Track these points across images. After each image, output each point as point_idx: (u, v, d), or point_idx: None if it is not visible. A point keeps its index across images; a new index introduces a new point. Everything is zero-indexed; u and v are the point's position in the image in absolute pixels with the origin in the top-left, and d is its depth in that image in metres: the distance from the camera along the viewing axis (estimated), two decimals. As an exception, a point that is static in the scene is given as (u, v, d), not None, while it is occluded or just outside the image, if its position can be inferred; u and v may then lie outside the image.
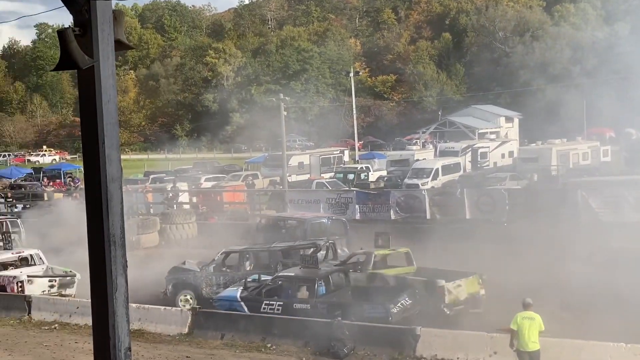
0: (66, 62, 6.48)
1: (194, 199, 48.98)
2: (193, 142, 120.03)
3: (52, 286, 29.15)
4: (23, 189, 62.51)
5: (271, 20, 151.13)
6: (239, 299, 24.58)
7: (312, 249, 27.12)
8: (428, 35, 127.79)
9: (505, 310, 22.33)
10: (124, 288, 6.84)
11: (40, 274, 29.89)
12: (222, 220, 44.50)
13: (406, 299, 23.37)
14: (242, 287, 25.17)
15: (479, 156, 63.83)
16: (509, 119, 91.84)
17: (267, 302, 23.90)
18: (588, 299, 24.04)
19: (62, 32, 6.46)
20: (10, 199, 56.56)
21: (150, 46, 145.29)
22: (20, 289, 28.37)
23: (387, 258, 27.60)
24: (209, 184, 56.69)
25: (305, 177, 61.81)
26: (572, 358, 18.95)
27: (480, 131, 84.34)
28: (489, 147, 66.00)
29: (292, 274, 24.99)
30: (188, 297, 27.53)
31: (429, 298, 24.30)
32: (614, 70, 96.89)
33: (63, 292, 28.89)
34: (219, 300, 25.54)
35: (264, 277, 25.78)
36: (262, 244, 30.37)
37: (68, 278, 29.40)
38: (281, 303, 23.73)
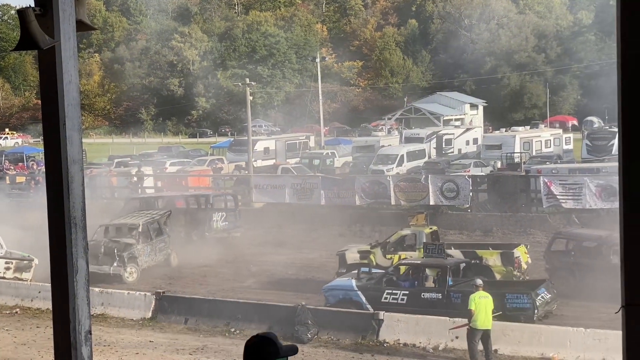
0: (26, 42, 6.41)
1: (159, 184, 48.72)
2: (158, 127, 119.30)
3: (7, 268, 28.98)
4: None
5: (238, 4, 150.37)
6: (356, 288, 23.18)
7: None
8: (394, 22, 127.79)
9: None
10: (85, 271, 6.81)
11: None
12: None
13: (545, 292, 22.26)
14: (354, 278, 23.88)
15: (443, 143, 64.09)
16: (473, 106, 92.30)
17: (390, 291, 22.63)
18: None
19: (22, 12, 6.39)
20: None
21: (115, 29, 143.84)
22: (-27, 269, 28.27)
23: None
24: (174, 169, 56.42)
25: (271, 162, 61.66)
26: (532, 342, 19.24)
27: (445, 118, 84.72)
28: (453, 134, 66.25)
29: (419, 262, 23.72)
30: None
31: (507, 266, 24.81)
32: (577, 59, 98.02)
33: (19, 276, 28.74)
34: (330, 290, 23.92)
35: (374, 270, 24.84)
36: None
37: (25, 262, 29.23)
38: (407, 292, 22.49)
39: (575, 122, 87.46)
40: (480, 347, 18.83)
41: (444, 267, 22.67)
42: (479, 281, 19.58)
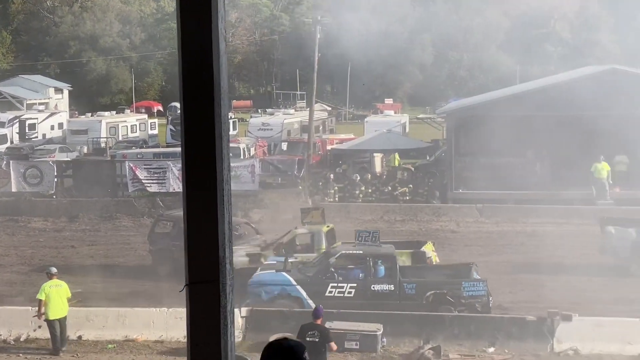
0: None
1: None
2: None
3: None
4: None
5: None
6: (294, 282, 20.85)
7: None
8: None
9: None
10: None
11: None
12: None
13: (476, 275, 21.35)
14: (283, 270, 21.20)
15: (27, 127, 62.18)
16: (58, 90, 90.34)
17: (334, 284, 20.57)
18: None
19: None
20: None
21: None
22: None
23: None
24: None
25: None
26: (117, 325, 19.53)
27: (29, 102, 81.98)
28: (37, 118, 64.50)
29: (360, 252, 21.31)
30: None
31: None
32: (162, 46, 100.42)
33: None
34: (261, 286, 21.08)
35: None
36: None
37: None
38: (354, 285, 20.61)
39: (161, 108, 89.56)
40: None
41: (392, 256, 21.20)
42: (53, 269, 19.24)
